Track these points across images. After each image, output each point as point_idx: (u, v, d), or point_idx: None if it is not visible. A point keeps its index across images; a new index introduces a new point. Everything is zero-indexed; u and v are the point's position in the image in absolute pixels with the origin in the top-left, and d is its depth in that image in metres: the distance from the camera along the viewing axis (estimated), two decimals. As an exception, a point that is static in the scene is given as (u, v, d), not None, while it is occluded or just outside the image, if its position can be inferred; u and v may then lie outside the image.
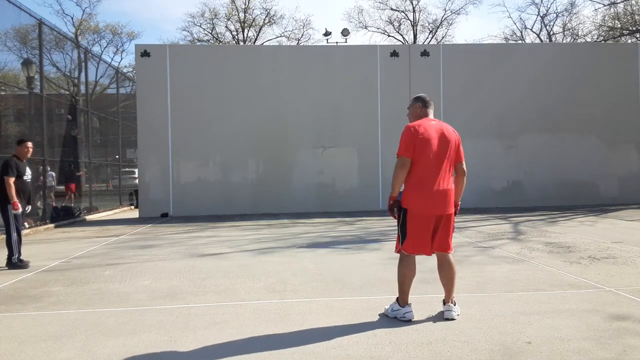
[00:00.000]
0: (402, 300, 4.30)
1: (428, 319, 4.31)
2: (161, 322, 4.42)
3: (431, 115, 4.41)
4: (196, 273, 6.44)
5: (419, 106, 4.42)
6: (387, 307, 4.45)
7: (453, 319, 4.25)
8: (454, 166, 4.35)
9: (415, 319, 4.29)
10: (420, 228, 4.18)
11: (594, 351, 3.56)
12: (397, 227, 4.34)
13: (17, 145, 7.36)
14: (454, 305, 4.36)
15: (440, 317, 4.34)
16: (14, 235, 7.03)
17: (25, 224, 11.48)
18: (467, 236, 9.32)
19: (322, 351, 3.65)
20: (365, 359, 3.50)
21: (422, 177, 4.17)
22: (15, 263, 7.02)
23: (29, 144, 7.42)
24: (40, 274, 6.68)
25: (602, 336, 3.84)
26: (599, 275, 5.88)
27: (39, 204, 12.88)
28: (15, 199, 6.92)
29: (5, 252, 7.19)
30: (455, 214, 4.35)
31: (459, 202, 4.42)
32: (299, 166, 14.92)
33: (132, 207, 18.53)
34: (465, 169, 4.41)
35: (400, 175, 4.20)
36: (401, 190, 4.30)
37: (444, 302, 4.40)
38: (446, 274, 4.36)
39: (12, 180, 6.93)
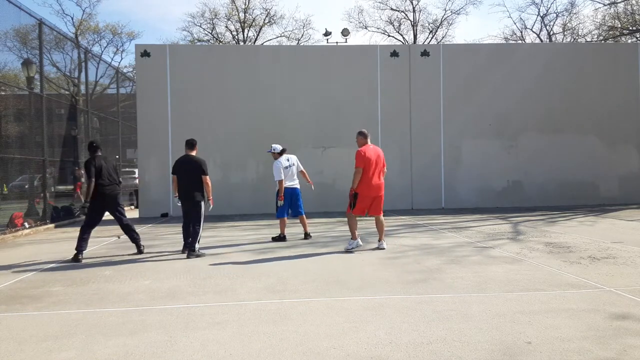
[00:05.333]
0: (353, 237, 8.00)
1: (427, 318, 4.33)
2: (161, 322, 4.42)
3: (369, 142, 8.05)
4: (196, 273, 6.44)
5: (361, 138, 8.04)
6: (346, 246, 8.02)
7: (384, 249, 7.95)
8: (382, 169, 8.01)
9: (414, 316, 4.32)
10: (364, 202, 7.85)
11: (594, 351, 3.56)
12: (350, 201, 7.88)
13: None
14: (384, 242, 8.10)
15: (440, 317, 4.36)
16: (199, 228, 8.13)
17: (26, 224, 11.49)
18: (467, 236, 9.32)
19: (322, 351, 3.65)
20: (365, 359, 3.50)
21: (367, 177, 7.77)
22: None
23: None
24: (40, 274, 6.68)
25: (602, 336, 3.85)
26: (599, 275, 5.89)
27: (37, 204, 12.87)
28: (210, 196, 8.32)
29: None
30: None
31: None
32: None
33: (132, 207, 18.52)
34: (385, 170, 8.14)
35: (357, 178, 7.78)
36: None
37: (379, 240, 8.13)
38: (379, 225, 8.10)
39: (208, 179, 8.20)
